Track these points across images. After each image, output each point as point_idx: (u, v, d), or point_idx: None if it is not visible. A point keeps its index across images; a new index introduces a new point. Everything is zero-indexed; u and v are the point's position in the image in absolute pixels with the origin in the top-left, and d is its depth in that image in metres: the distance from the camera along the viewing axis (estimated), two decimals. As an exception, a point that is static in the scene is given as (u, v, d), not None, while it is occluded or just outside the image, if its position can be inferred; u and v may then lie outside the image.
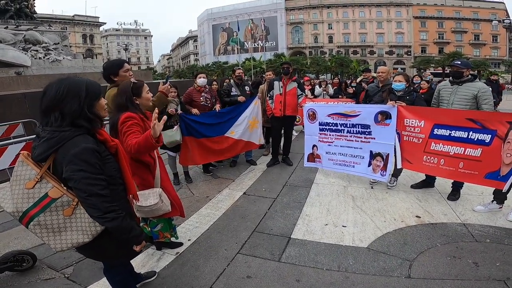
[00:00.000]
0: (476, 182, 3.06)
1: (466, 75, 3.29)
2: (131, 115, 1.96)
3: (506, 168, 2.81)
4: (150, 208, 1.99)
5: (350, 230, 2.90)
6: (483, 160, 2.93)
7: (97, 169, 1.35)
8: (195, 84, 4.48)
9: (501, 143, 2.81)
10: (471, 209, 3.24)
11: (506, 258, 2.36)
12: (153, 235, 2.56)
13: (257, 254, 2.56)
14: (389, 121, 3.49)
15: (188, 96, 4.44)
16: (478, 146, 2.95)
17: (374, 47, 54.82)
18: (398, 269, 2.29)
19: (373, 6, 54.34)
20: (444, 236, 2.73)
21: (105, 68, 2.61)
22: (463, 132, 3.04)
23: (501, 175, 2.84)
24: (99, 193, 1.33)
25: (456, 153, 3.08)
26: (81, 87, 1.38)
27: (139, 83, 2.12)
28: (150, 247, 2.70)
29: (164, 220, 2.43)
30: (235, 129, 4.58)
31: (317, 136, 4.16)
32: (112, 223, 1.37)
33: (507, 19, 30.63)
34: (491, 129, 2.87)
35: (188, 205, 3.58)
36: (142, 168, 2.10)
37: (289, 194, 3.84)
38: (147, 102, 2.14)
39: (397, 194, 3.70)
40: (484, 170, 2.94)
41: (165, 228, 2.51)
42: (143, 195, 1.99)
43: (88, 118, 1.38)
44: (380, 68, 4.06)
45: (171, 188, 2.34)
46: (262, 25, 58.63)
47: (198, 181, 4.46)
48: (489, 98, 3.17)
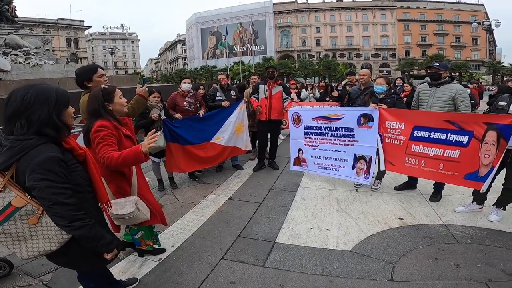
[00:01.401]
0: (456, 183, 3.12)
1: (444, 77, 3.36)
2: (103, 124, 1.90)
3: (484, 169, 2.86)
4: (127, 216, 1.96)
5: (334, 234, 2.90)
6: (461, 161, 2.98)
7: (62, 178, 1.33)
8: (179, 89, 4.43)
9: (478, 144, 2.87)
10: (453, 210, 3.30)
11: (487, 259, 2.40)
12: (134, 242, 2.52)
13: (241, 260, 2.54)
14: (372, 124, 3.53)
15: (172, 100, 4.38)
16: (456, 147, 3.00)
17: (361, 50, 55.78)
18: (381, 272, 2.30)
19: (359, 10, 55.36)
20: (426, 238, 2.76)
21: (78, 74, 2.53)
22: (441, 133, 3.09)
23: (480, 175, 2.90)
24: (64, 202, 1.32)
25: (436, 154, 3.13)
26: (50, 94, 1.36)
27: (110, 88, 2.05)
28: (132, 253, 2.64)
29: (145, 227, 2.38)
30: (221, 135, 4.54)
31: (302, 140, 4.16)
32: (79, 232, 1.37)
33: (487, 21, 31.56)
34: (468, 131, 2.93)
35: (173, 211, 3.53)
36: (117, 176, 2.05)
37: (275, 198, 3.82)
38: (121, 108, 2.07)
39: (381, 196, 3.74)
40: (463, 171, 2.99)
41: (146, 236, 2.46)
42: (119, 203, 1.95)
43: (56, 126, 1.36)
44: (361, 71, 4.11)
45: (150, 196, 2.29)
46: (250, 28, 58.84)
47: (184, 186, 4.40)
48: (466, 100, 3.24)
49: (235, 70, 47.35)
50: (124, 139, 2.02)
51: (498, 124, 2.75)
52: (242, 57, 54.35)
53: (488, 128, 2.81)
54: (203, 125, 4.40)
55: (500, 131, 2.73)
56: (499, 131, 2.74)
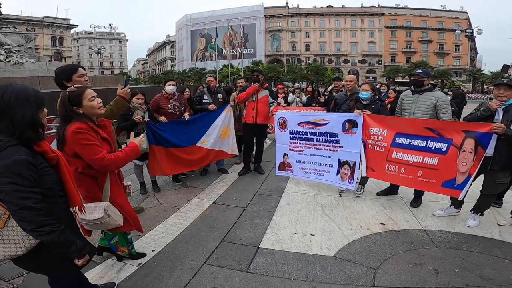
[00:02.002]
0: (434, 190, 3.18)
1: (426, 84, 3.43)
2: (80, 126, 1.83)
3: (461, 177, 2.91)
4: (95, 222, 1.91)
5: (318, 239, 2.90)
6: (440, 169, 3.04)
7: (31, 182, 1.28)
8: (163, 91, 4.36)
9: (457, 151, 2.92)
10: (432, 214, 3.37)
11: (465, 264, 2.45)
12: (111, 246, 2.46)
13: (224, 265, 2.50)
14: (356, 130, 3.57)
15: (155, 103, 4.31)
16: (435, 154, 3.05)
17: (348, 56, 56.82)
18: (363, 277, 2.31)
19: (348, 15, 56.50)
20: (406, 243, 2.80)
21: (58, 73, 2.43)
22: (421, 140, 3.14)
23: (457, 183, 2.95)
24: (32, 207, 1.28)
25: (415, 161, 3.18)
26: (30, 94, 1.33)
27: (78, 90, 1.93)
28: (110, 258, 2.57)
29: (119, 233, 2.33)
30: (206, 139, 4.49)
31: (287, 144, 4.16)
32: (47, 237, 1.33)
33: (469, 29, 32.53)
34: (447, 138, 2.98)
35: (155, 215, 3.46)
36: (87, 180, 1.99)
37: (260, 203, 3.80)
38: (93, 110, 1.96)
39: (364, 202, 3.78)
40: (441, 178, 3.05)
41: (121, 242, 2.41)
42: (88, 208, 1.89)
43: (36, 128, 1.33)
44: (348, 77, 4.16)
45: (124, 202, 2.21)
46: (241, 32, 59.12)
47: (167, 190, 4.32)
48: (447, 107, 3.31)
49: (224, 73, 47.29)
50: (101, 142, 1.94)
51: (477, 132, 2.80)
52: (232, 60, 54.45)
53: (467, 136, 2.86)
54: (188, 129, 4.34)
55: (478, 139, 2.79)
56: (477, 139, 2.80)
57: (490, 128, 2.71)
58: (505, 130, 2.66)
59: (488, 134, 2.74)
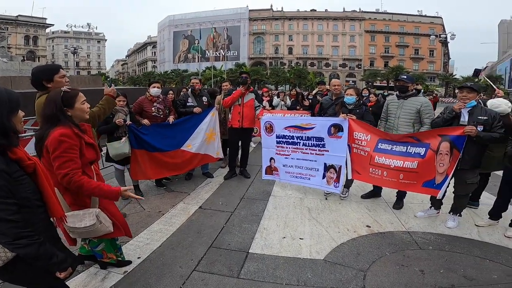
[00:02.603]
0: (415, 190, 3.32)
1: (410, 89, 3.57)
2: (65, 132, 1.73)
3: (440, 177, 3.08)
4: (86, 229, 1.83)
5: (307, 242, 2.91)
6: (419, 171, 3.19)
7: (4, 192, 1.20)
8: (147, 93, 4.24)
9: (434, 154, 3.09)
10: (414, 216, 3.49)
11: (449, 264, 2.53)
12: (95, 254, 2.35)
13: (215, 271, 2.46)
14: (341, 134, 3.62)
15: (139, 105, 4.18)
16: (414, 159, 3.21)
17: (330, 59, 58.02)
18: (354, 280, 2.34)
19: (331, 20, 57.76)
20: (392, 245, 2.87)
21: (37, 72, 2.31)
22: (402, 146, 3.31)
23: (436, 183, 3.11)
24: (7, 219, 1.20)
25: (396, 165, 3.31)
26: (2, 96, 1.24)
27: (72, 92, 1.86)
28: (93, 266, 2.45)
29: (106, 240, 2.23)
30: (191, 142, 4.40)
31: (274, 149, 4.16)
32: (24, 250, 1.27)
33: (443, 34, 33.70)
34: (425, 143, 3.16)
35: (138, 221, 3.35)
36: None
37: (247, 207, 3.77)
38: (82, 114, 1.90)
39: (349, 205, 3.84)
40: (421, 179, 3.20)
41: (108, 249, 2.31)
42: (76, 215, 1.82)
43: (7, 133, 1.24)
44: (335, 81, 4.24)
45: (113, 207, 2.15)
46: (225, 34, 58.91)
47: (150, 195, 4.19)
48: (431, 112, 3.47)
49: (206, 75, 46.91)
50: (86, 147, 1.87)
51: (451, 136, 2.99)
52: (215, 62, 54.07)
53: (442, 140, 3.04)
54: (172, 132, 4.24)
55: (452, 142, 2.98)
56: (451, 142, 2.98)
57: (463, 131, 2.89)
58: (477, 132, 2.84)
59: (462, 136, 2.92)
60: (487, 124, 2.90)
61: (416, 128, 3.48)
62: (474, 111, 2.99)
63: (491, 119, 2.90)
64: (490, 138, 2.88)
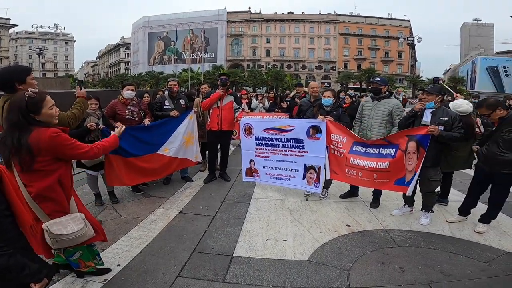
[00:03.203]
0: (388, 188, 3.47)
1: (383, 91, 3.70)
2: (54, 129, 1.70)
3: (409, 175, 3.24)
4: (75, 235, 1.79)
5: (290, 244, 2.92)
6: (391, 170, 3.34)
7: None
8: (120, 96, 4.07)
9: (403, 154, 3.25)
10: (390, 214, 3.61)
11: (425, 261, 2.63)
12: (71, 264, 2.21)
13: (200, 276, 2.41)
14: (320, 135, 3.67)
15: (111, 108, 4.01)
16: (386, 159, 3.36)
17: (306, 61, 59.20)
18: (338, 279, 2.37)
19: (307, 22, 58.95)
20: (372, 243, 2.94)
21: (6, 73, 2.17)
22: (375, 148, 3.44)
23: (406, 180, 3.27)
24: None
25: (370, 167, 3.44)
26: None
27: (38, 97, 1.73)
28: (69, 275, 2.32)
29: (83, 247, 2.12)
30: (168, 146, 4.26)
31: (254, 151, 4.15)
32: None
33: (411, 37, 35.24)
34: (395, 144, 3.32)
35: (115, 228, 3.21)
36: (59, 192, 1.83)
37: (229, 210, 3.73)
38: (50, 119, 1.79)
39: (329, 205, 3.91)
40: (393, 178, 3.36)
41: (86, 256, 2.19)
42: (60, 222, 1.76)
43: None
44: (313, 83, 4.32)
45: (86, 211, 2.10)
46: (202, 35, 58.35)
47: (126, 201, 4.02)
48: (401, 114, 3.62)
49: (183, 77, 46.17)
50: None
51: (417, 135, 3.16)
52: (191, 64, 53.42)
53: (409, 140, 3.20)
54: (148, 136, 4.08)
55: (418, 141, 3.15)
56: (418, 141, 3.15)
57: (427, 130, 3.06)
58: (439, 131, 3.02)
59: (426, 136, 3.10)
60: (447, 125, 3.10)
61: (388, 129, 3.62)
62: (437, 112, 3.18)
63: (451, 120, 3.10)
64: (451, 137, 3.07)
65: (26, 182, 1.73)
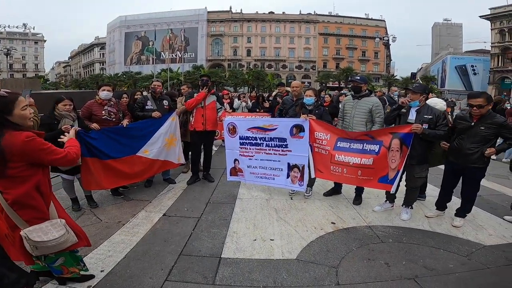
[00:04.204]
0: (372, 186, 3.52)
1: (363, 90, 3.77)
2: (28, 133, 1.60)
3: (392, 172, 3.31)
4: (57, 241, 1.75)
5: (278, 243, 2.92)
6: (375, 167, 3.39)
7: None
8: (96, 97, 3.91)
9: (386, 151, 3.30)
10: (372, 210, 3.69)
11: (409, 256, 2.70)
12: (53, 270, 2.10)
13: (188, 279, 2.35)
14: (303, 134, 3.70)
15: (87, 109, 3.83)
16: (370, 155, 3.40)
17: (286, 61, 59.61)
18: (327, 277, 2.39)
19: (288, 22, 59.33)
20: (357, 240, 2.99)
21: None
22: (359, 144, 3.48)
23: (389, 178, 3.33)
24: None
25: (355, 163, 3.48)
26: None
27: (10, 96, 1.65)
28: (51, 282, 2.22)
29: (65, 253, 2.03)
30: (149, 148, 4.11)
31: (238, 150, 4.12)
32: None
33: (386, 36, 36.38)
34: (378, 140, 3.37)
35: (96, 233, 3.07)
36: (38, 198, 1.75)
37: (214, 211, 3.67)
38: (24, 121, 1.70)
39: (313, 203, 3.94)
40: (376, 175, 3.40)
41: (69, 263, 2.09)
42: (40, 229, 1.70)
43: None
44: (294, 83, 4.34)
45: (68, 217, 2.02)
46: (182, 35, 57.41)
47: (106, 205, 3.86)
48: (381, 112, 3.70)
49: (162, 77, 45.27)
50: None
51: (400, 133, 3.23)
52: (171, 64, 52.41)
53: (393, 137, 3.26)
54: (127, 137, 3.91)
55: (402, 139, 3.21)
56: (401, 139, 3.21)
57: (410, 129, 3.12)
58: (423, 130, 3.09)
59: (409, 134, 3.16)
60: (431, 123, 3.17)
61: (368, 127, 3.69)
62: (421, 110, 3.25)
63: (435, 117, 3.18)
64: (434, 135, 3.15)
65: (1, 189, 1.65)
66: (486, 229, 3.26)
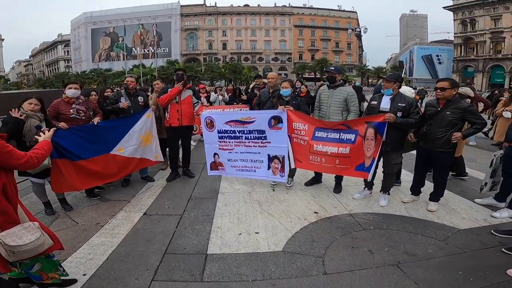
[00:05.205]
0: (350, 174, 3.61)
1: (338, 79, 3.81)
2: None
3: (368, 161, 3.39)
4: (33, 244, 1.72)
5: (263, 236, 2.91)
6: (351, 156, 3.46)
7: None
8: (63, 95, 3.67)
9: (362, 140, 3.38)
10: (352, 198, 3.77)
11: (390, 242, 2.77)
12: (32, 277, 2.00)
13: (176, 278, 2.30)
14: (281, 125, 3.69)
15: (54, 109, 3.60)
16: (347, 145, 3.47)
17: (263, 54, 59.42)
18: (314, 267, 2.41)
19: (263, 15, 58.94)
20: (340, 228, 3.04)
21: None
22: (336, 133, 3.53)
23: (366, 166, 3.42)
24: None
25: (332, 152, 3.54)
26: None
27: None
28: None
29: (41, 258, 1.93)
30: (123, 146, 3.92)
31: (217, 144, 4.05)
32: None
33: (358, 28, 37.31)
34: (354, 129, 3.44)
35: (73, 236, 2.94)
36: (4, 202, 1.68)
37: (196, 207, 3.60)
38: None
39: (295, 193, 3.97)
40: (353, 163, 3.48)
41: (47, 268, 1.99)
42: (13, 233, 1.68)
43: None
44: (270, 74, 4.31)
45: (38, 220, 1.94)
46: (154, 30, 55.33)
47: (82, 207, 3.68)
48: (356, 101, 3.77)
49: (135, 73, 43.67)
50: None
51: (375, 122, 3.30)
52: (143, 60, 50.61)
53: (368, 126, 3.34)
54: (98, 135, 3.69)
55: (376, 128, 3.29)
56: (375, 128, 3.29)
57: (384, 118, 3.21)
58: (395, 119, 3.19)
59: (383, 123, 3.24)
60: (405, 111, 3.27)
61: (344, 116, 3.75)
62: (395, 99, 3.34)
63: (408, 106, 3.28)
64: (406, 123, 3.27)
65: None
66: (459, 212, 3.38)
